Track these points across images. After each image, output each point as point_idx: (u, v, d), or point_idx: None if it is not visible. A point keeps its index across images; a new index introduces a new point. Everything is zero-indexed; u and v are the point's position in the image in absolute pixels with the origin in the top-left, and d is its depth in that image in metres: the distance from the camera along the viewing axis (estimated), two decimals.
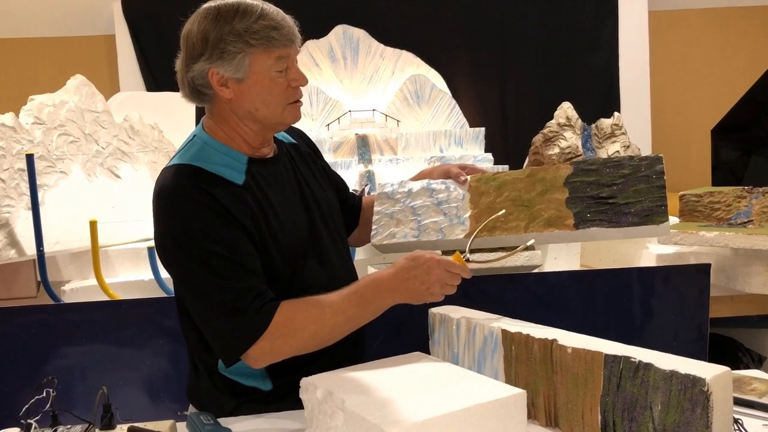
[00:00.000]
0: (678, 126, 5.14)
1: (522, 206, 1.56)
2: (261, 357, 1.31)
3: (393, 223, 1.68)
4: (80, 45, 4.89)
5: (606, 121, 2.95)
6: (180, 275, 1.36)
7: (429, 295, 1.34)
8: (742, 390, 1.39)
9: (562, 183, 1.54)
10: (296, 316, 1.31)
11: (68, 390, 2.01)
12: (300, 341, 1.32)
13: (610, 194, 1.48)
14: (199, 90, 1.40)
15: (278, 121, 1.42)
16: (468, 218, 1.60)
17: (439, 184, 1.71)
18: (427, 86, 4.43)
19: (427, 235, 1.62)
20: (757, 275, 2.37)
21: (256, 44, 1.33)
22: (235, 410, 1.42)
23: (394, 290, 1.34)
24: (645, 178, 1.48)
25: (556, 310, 2.16)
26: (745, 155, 4.58)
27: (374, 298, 1.34)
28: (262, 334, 1.28)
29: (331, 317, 1.32)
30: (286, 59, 1.38)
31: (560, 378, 1.22)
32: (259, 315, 1.29)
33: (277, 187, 1.45)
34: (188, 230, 1.31)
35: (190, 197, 1.32)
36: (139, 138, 3.12)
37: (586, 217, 1.47)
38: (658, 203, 1.43)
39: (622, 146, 2.87)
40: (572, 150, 2.85)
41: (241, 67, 1.34)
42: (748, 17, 5.20)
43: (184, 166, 1.37)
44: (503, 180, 1.62)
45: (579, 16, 4.90)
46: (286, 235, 1.40)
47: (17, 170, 2.60)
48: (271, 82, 1.37)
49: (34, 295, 2.91)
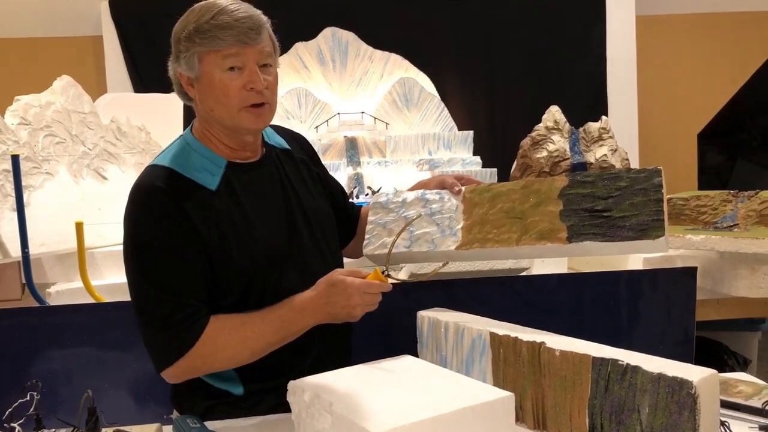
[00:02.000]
0: (665, 130, 5.18)
1: (515, 218, 1.52)
2: (178, 374, 1.35)
3: (386, 233, 1.66)
4: (67, 46, 4.86)
5: (593, 124, 2.96)
6: (128, 274, 1.38)
7: (349, 317, 1.36)
8: (729, 393, 1.40)
9: (556, 195, 1.50)
10: (218, 339, 1.33)
11: (53, 393, 1.99)
12: (217, 362, 1.36)
13: (605, 207, 1.44)
14: (180, 89, 1.43)
15: (234, 123, 1.38)
16: (460, 229, 1.57)
17: (433, 194, 1.68)
18: (416, 89, 4.44)
19: (419, 246, 1.59)
20: (743, 278, 2.39)
21: (200, 43, 1.33)
22: (207, 412, 1.42)
23: (314, 313, 1.37)
24: (642, 191, 1.43)
25: (544, 313, 2.17)
26: (730, 159, 4.63)
27: (294, 322, 1.37)
28: (186, 352, 1.32)
29: (251, 342, 1.35)
30: (237, 58, 1.34)
31: (548, 381, 1.23)
32: (188, 333, 1.32)
33: (256, 192, 1.43)
34: (149, 237, 1.34)
35: (158, 206, 1.34)
36: (126, 139, 3.10)
37: (580, 231, 1.43)
38: (654, 217, 1.38)
39: (609, 150, 2.88)
40: (560, 153, 2.86)
41: (192, 66, 1.36)
42: (734, 23, 5.25)
43: (160, 168, 1.38)
44: (497, 191, 1.59)
45: (567, 21, 4.92)
46: (257, 242, 1.39)
47: (2, 171, 2.57)
48: (222, 83, 1.35)
49: (18, 297, 2.88)
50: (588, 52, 4.94)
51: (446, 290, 2.13)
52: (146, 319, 1.35)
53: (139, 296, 1.36)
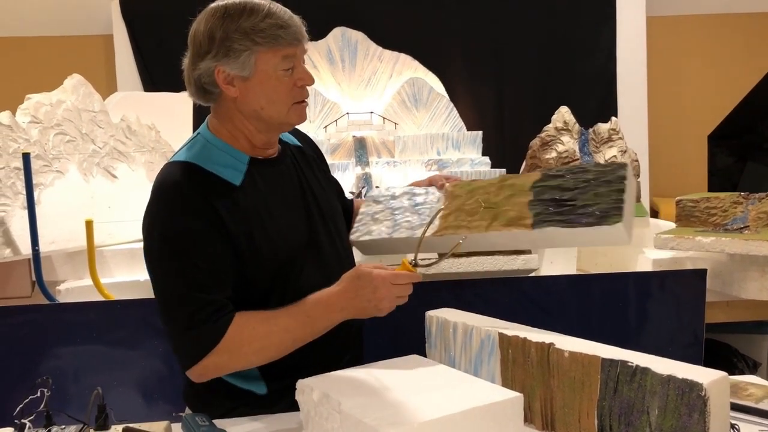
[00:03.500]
0: (675, 131, 5.15)
1: (488, 208, 1.59)
2: (205, 372, 1.33)
3: (372, 222, 1.74)
4: (78, 44, 4.88)
5: (603, 125, 2.95)
6: (154, 271, 1.37)
7: (377, 311, 1.34)
8: (739, 395, 1.39)
9: (528, 188, 1.57)
10: (244, 335, 1.32)
11: (62, 390, 2.00)
12: (242, 357, 1.34)
13: (571, 197, 1.50)
14: (206, 88, 1.40)
15: (283, 120, 1.42)
16: (438, 218, 1.65)
17: (421, 189, 1.78)
18: (425, 89, 4.43)
19: (399, 233, 1.67)
20: (753, 281, 2.37)
21: (262, 42, 1.34)
22: (229, 413, 1.42)
23: (341, 309, 1.35)
24: (606, 182, 1.48)
25: (553, 314, 2.16)
26: (740, 161, 4.60)
27: (321, 318, 1.35)
28: (212, 349, 1.30)
29: (277, 336, 1.34)
30: (293, 58, 1.38)
31: (557, 382, 1.22)
32: (213, 330, 1.30)
33: (277, 188, 1.45)
34: (176, 233, 1.32)
35: (185, 200, 1.33)
36: (136, 138, 3.11)
37: (545, 218, 1.49)
38: (614, 205, 1.42)
39: (619, 151, 2.87)
40: (569, 154, 2.85)
41: (247, 65, 1.35)
42: (745, 24, 5.22)
43: (185, 164, 1.37)
44: (477, 186, 1.68)
45: (577, 21, 4.90)
46: (281, 237, 1.40)
47: (13, 169, 2.59)
48: (277, 81, 1.37)
49: (28, 294, 2.89)
50: (598, 53, 4.92)
51: (454, 291, 2.13)
52: (171, 317, 1.33)
53: (164, 294, 1.34)
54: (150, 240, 1.36)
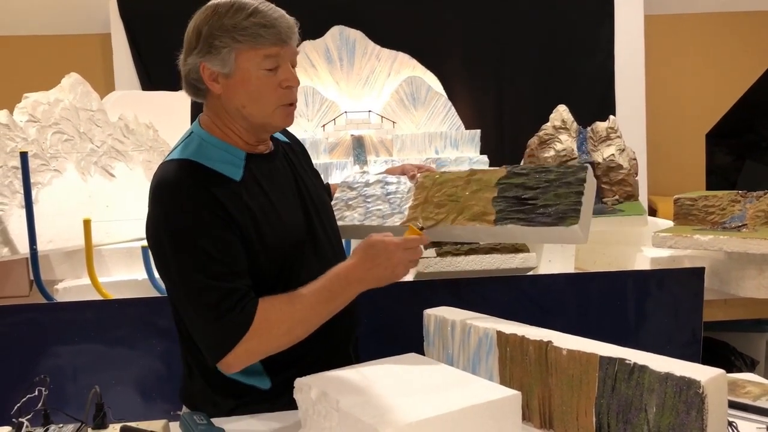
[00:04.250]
0: (673, 130, 5.15)
1: (455, 201, 1.66)
2: (236, 361, 1.32)
3: (346, 208, 1.82)
4: (75, 43, 4.87)
5: (601, 124, 2.95)
6: (170, 269, 1.35)
7: (394, 277, 1.37)
8: (736, 393, 1.39)
9: (494, 184, 1.64)
10: (270, 316, 1.32)
11: (60, 389, 2.00)
12: (273, 340, 1.33)
13: (532, 196, 1.56)
14: (195, 84, 1.42)
15: (267, 121, 1.41)
16: (408, 208, 1.73)
17: (393, 178, 1.85)
18: (423, 88, 4.42)
19: (370, 221, 1.75)
20: (751, 279, 2.37)
21: (242, 40, 1.34)
22: (233, 411, 1.42)
23: (360, 280, 1.36)
24: (566, 184, 1.55)
25: (551, 313, 2.17)
26: (738, 160, 4.60)
27: (342, 291, 1.37)
28: (243, 336, 1.29)
29: (301, 314, 1.34)
30: (276, 58, 1.38)
31: (555, 380, 1.22)
32: (242, 316, 1.30)
33: (275, 183, 1.46)
34: (185, 226, 1.31)
35: (189, 193, 1.32)
36: (133, 137, 3.10)
37: (506, 215, 1.56)
38: (572, 207, 1.50)
39: (617, 149, 2.87)
40: (567, 153, 2.85)
41: (227, 62, 1.35)
42: (743, 22, 5.22)
43: (185, 161, 1.37)
44: (446, 178, 1.75)
45: (575, 20, 4.90)
46: (285, 230, 1.41)
47: (11, 168, 2.58)
48: (258, 81, 1.37)
49: (26, 293, 2.89)
50: (596, 52, 4.92)
51: (452, 289, 2.13)
52: (196, 313, 1.32)
53: (185, 290, 1.33)
54: (159, 241, 1.35)
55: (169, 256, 1.34)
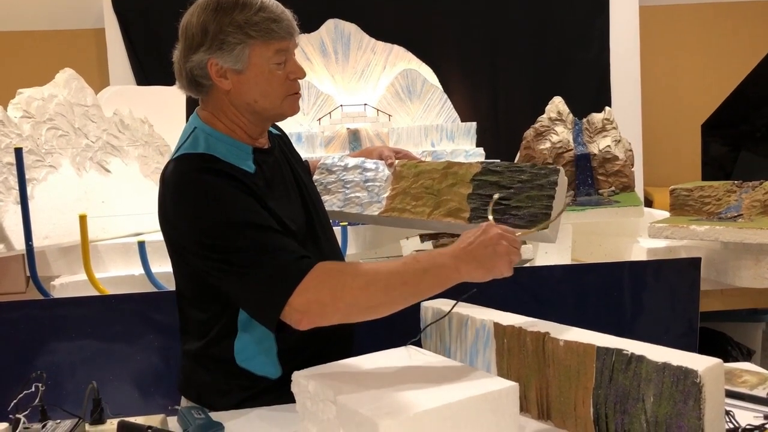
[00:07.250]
0: (668, 121, 5.15)
1: (431, 195, 1.69)
2: (307, 310, 1.23)
3: (324, 192, 1.84)
4: (69, 38, 4.85)
5: (597, 115, 2.94)
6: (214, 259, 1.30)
7: (496, 256, 1.24)
8: (733, 382, 1.40)
9: (469, 179, 1.67)
10: (346, 268, 1.29)
11: (57, 385, 2.00)
12: (348, 293, 1.23)
13: (506, 196, 1.61)
14: (198, 81, 1.40)
15: (277, 112, 1.44)
16: (385, 198, 1.75)
17: (371, 163, 1.86)
18: (419, 81, 4.42)
19: (350, 208, 1.78)
20: (747, 269, 2.38)
21: (255, 36, 1.35)
22: (242, 403, 1.41)
23: (455, 256, 1.24)
24: (539, 186, 1.60)
25: (548, 304, 2.17)
26: (734, 150, 4.60)
27: (432, 262, 1.25)
28: (303, 279, 1.22)
29: (384, 275, 1.24)
30: (285, 52, 1.40)
31: (552, 371, 1.22)
32: (300, 262, 1.26)
33: (278, 176, 1.47)
34: (226, 210, 1.29)
35: (217, 178, 1.31)
36: (129, 132, 3.09)
37: (480, 214, 1.61)
38: (543, 211, 1.56)
39: (613, 140, 2.87)
40: (563, 144, 2.85)
41: (240, 58, 1.35)
42: (738, 13, 5.21)
43: (203, 155, 1.36)
44: (422, 168, 1.76)
45: (570, 11, 4.89)
46: (293, 221, 1.41)
47: (6, 164, 2.57)
48: (270, 74, 1.39)
49: (23, 290, 2.88)
50: (591, 43, 4.91)
51: None
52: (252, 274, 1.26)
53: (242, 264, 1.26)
54: (197, 234, 1.30)
55: (219, 249, 1.28)
